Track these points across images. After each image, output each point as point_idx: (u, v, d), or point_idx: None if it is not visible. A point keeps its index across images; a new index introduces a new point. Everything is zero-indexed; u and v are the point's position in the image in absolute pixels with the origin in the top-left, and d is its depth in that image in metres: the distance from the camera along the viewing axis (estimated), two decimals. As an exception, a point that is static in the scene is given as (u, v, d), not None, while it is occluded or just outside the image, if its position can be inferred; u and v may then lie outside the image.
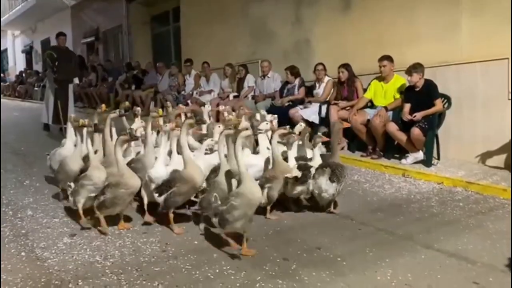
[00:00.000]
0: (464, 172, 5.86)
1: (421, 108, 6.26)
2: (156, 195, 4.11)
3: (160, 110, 5.62)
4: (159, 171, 4.24)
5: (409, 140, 6.32)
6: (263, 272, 3.28)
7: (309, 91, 8.35)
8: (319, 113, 7.65)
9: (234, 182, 3.97)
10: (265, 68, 9.24)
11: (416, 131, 6.16)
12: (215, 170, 4.31)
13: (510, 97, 6.01)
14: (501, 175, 5.70)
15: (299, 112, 7.77)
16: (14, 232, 4.19)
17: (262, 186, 4.08)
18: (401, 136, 6.41)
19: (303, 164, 4.56)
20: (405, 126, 6.36)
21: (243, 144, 4.05)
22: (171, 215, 4.08)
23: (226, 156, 4.18)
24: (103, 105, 6.22)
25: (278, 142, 4.56)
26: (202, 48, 12.01)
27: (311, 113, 7.66)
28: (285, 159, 4.59)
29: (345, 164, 4.76)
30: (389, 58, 6.88)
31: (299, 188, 4.45)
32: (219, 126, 5.01)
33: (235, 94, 9.99)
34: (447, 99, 6.57)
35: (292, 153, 4.65)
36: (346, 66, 7.47)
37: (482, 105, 6.37)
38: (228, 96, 10.03)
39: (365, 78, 7.54)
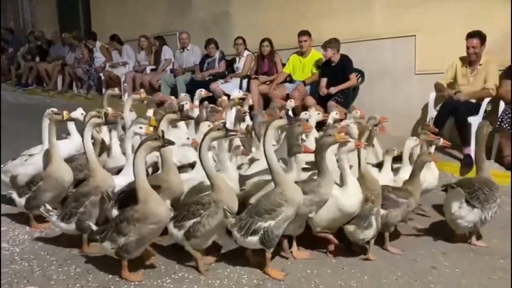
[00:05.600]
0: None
1: (337, 83, 6.54)
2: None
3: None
4: None
5: (326, 113, 6.54)
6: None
7: (230, 64, 8.27)
8: (240, 87, 7.62)
9: None
10: (184, 40, 8.94)
11: (332, 104, 6.39)
12: None
13: (416, 72, 6.49)
14: (408, 145, 6.14)
15: (220, 86, 7.69)
16: None
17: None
18: (319, 109, 6.61)
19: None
20: (322, 100, 6.58)
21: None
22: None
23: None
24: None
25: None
26: (114, 17, 11.27)
27: (232, 87, 7.60)
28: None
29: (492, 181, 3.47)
30: (308, 33, 7.03)
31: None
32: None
33: (152, 67, 9.60)
34: (361, 73, 6.90)
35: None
36: (269, 40, 7.50)
37: (392, 79, 6.79)
38: (144, 69, 9.62)
39: (282, 53, 7.64)
